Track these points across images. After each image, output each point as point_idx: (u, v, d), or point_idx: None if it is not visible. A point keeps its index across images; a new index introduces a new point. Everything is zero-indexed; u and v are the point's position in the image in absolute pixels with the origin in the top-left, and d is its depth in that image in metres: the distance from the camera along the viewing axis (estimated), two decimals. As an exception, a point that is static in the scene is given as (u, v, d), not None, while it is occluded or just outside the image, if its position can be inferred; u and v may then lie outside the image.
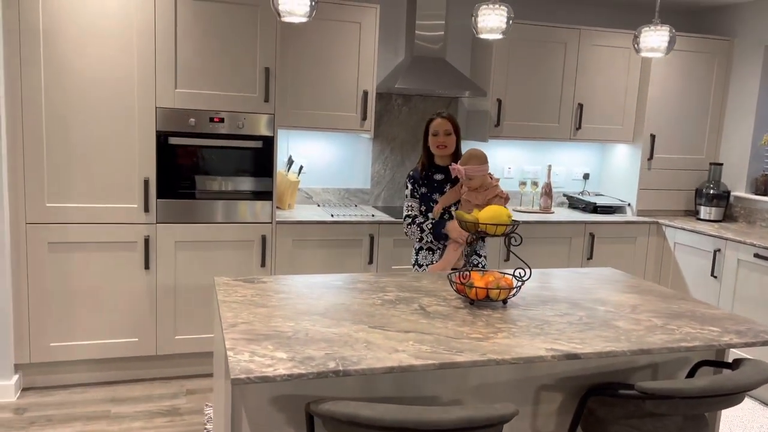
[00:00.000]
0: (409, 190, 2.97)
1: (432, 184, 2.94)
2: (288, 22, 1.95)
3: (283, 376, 1.48)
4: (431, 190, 2.93)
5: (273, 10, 1.87)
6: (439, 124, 2.88)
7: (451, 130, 2.88)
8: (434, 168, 2.96)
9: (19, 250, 3.20)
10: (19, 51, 3.06)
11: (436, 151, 2.90)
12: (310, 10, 1.84)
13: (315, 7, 1.82)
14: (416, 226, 2.89)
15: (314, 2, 1.83)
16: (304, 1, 1.81)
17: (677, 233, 4.23)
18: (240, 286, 2.19)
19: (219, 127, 3.43)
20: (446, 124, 2.88)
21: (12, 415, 3.06)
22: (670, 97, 4.45)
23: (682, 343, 1.82)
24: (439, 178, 2.94)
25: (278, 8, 1.85)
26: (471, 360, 1.62)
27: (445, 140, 2.87)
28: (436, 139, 2.88)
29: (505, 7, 2.02)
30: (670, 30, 2.28)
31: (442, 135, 2.87)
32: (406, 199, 2.97)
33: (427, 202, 2.94)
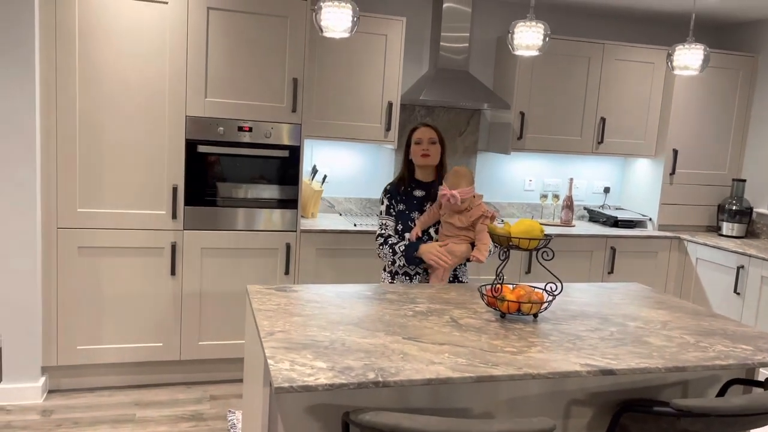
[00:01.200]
0: (385, 206, 2.74)
1: (411, 201, 2.72)
2: (330, 37, 1.98)
3: (325, 386, 1.50)
4: (410, 207, 2.72)
5: (315, 25, 1.92)
6: (423, 132, 2.68)
7: (436, 139, 2.68)
8: (414, 183, 2.75)
9: (50, 253, 3.25)
10: (54, 60, 3.13)
11: (420, 160, 2.68)
12: (352, 26, 1.87)
13: (357, 23, 1.86)
14: (389, 248, 2.66)
15: (356, 18, 1.86)
16: (346, 18, 1.85)
17: (699, 249, 4.22)
18: (273, 295, 2.22)
19: (246, 136, 3.48)
20: (431, 132, 2.68)
21: (39, 417, 3.10)
22: (693, 113, 4.45)
23: (717, 361, 1.82)
24: (419, 195, 2.73)
25: (320, 24, 1.89)
26: (507, 374, 1.64)
27: (429, 148, 2.66)
28: (419, 148, 2.67)
29: (542, 25, 2.04)
30: (705, 48, 2.30)
31: (426, 143, 2.67)
32: (380, 216, 2.75)
33: (405, 221, 2.71)
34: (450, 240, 2.62)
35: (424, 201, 2.73)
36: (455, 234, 2.62)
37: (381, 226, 2.74)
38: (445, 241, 2.63)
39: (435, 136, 2.69)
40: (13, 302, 3.17)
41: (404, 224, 2.72)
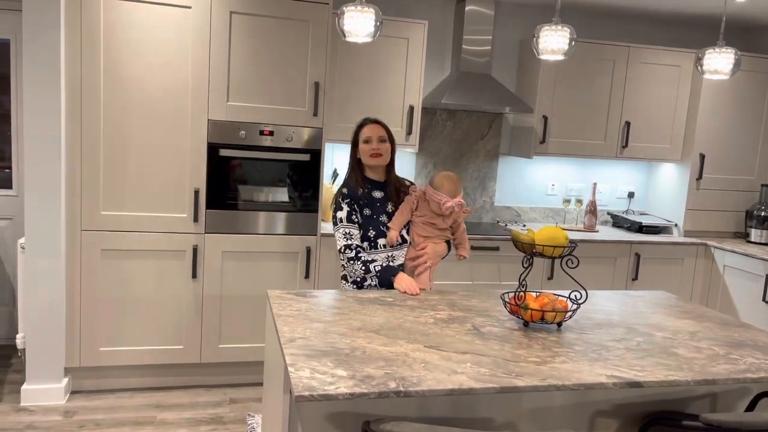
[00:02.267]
0: (345, 212, 2.50)
1: (374, 204, 2.56)
2: (352, 41, 1.97)
3: (345, 395, 1.48)
4: (375, 211, 2.56)
5: (338, 30, 1.91)
6: (371, 130, 2.53)
7: (385, 136, 2.53)
8: (369, 184, 2.59)
9: (74, 256, 3.28)
10: (80, 65, 3.16)
11: (370, 160, 2.52)
12: (374, 31, 1.86)
13: (380, 27, 1.84)
14: (361, 264, 2.45)
15: (379, 23, 1.85)
16: (369, 22, 1.84)
17: (727, 255, 4.13)
18: (293, 300, 2.21)
19: (268, 139, 3.48)
20: (380, 130, 2.53)
21: (61, 418, 3.13)
22: (720, 116, 4.36)
23: (747, 374, 1.77)
24: (379, 196, 2.59)
25: (343, 28, 1.87)
26: (531, 385, 1.60)
27: (379, 147, 2.51)
28: (368, 147, 2.51)
29: (568, 28, 2.01)
30: (736, 52, 2.24)
31: (375, 141, 2.51)
32: (342, 224, 2.50)
33: (376, 226, 2.55)
34: (429, 240, 2.59)
35: (385, 202, 2.61)
36: (435, 235, 2.60)
37: (345, 236, 2.49)
38: (424, 243, 2.59)
39: (384, 134, 2.55)
40: (38, 304, 3.21)
41: (376, 229, 2.56)
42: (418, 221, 2.60)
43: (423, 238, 2.61)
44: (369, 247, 2.58)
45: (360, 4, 1.85)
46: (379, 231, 2.58)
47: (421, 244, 2.60)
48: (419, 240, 2.60)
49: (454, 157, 4.41)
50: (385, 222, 2.60)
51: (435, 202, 2.54)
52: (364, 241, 2.58)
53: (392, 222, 2.58)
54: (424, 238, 2.60)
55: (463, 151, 4.43)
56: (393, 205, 2.63)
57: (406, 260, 2.62)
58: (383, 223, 2.59)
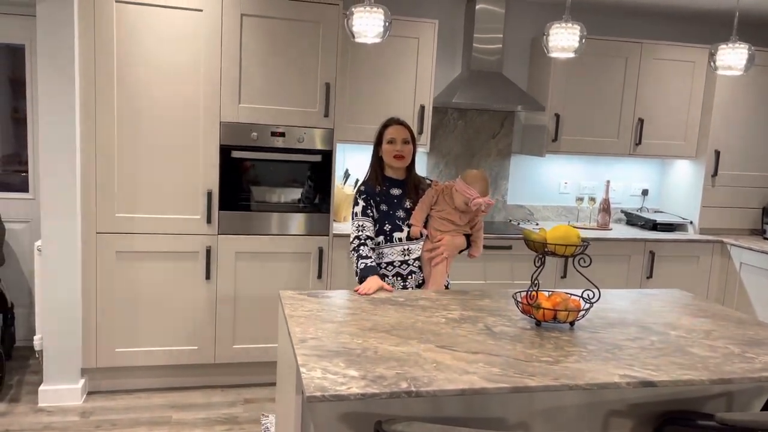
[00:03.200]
0: (361, 207, 2.60)
1: (392, 200, 2.63)
2: (362, 42, 1.98)
3: (357, 395, 1.49)
4: (392, 207, 2.63)
5: (347, 31, 1.91)
6: (396, 131, 2.59)
7: (408, 138, 2.60)
8: (388, 182, 2.66)
9: (89, 258, 3.32)
10: (93, 69, 3.19)
11: (393, 161, 2.59)
12: (383, 31, 1.86)
13: (389, 28, 1.85)
14: (356, 258, 2.56)
15: (388, 23, 1.85)
16: (378, 23, 1.84)
17: (743, 253, 4.08)
18: (305, 300, 2.22)
19: (280, 141, 3.49)
20: (404, 132, 2.59)
21: (78, 418, 3.16)
22: (735, 112, 4.31)
23: (764, 373, 1.75)
24: (396, 194, 2.65)
25: (352, 29, 1.88)
26: (543, 384, 1.60)
27: (403, 149, 2.58)
28: (392, 147, 2.58)
29: (577, 26, 2.00)
30: (749, 48, 2.21)
31: (399, 143, 2.58)
32: (356, 218, 2.60)
33: (392, 221, 2.63)
34: (447, 234, 2.62)
35: (402, 199, 2.66)
36: (453, 229, 2.63)
37: (358, 228, 2.58)
38: (441, 236, 2.61)
39: (408, 136, 2.61)
40: (54, 306, 3.25)
41: (392, 224, 2.64)
42: (436, 216, 2.64)
43: (440, 232, 2.63)
44: (385, 240, 2.65)
45: (369, 4, 1.85)
46: (395, 225, 2.63)
47: (438, 237, 2.62)
48: (436, 234, 2.62)
49: (465, 156, 4.40)
50: (402, 217, 2.65)
51: (464, 196, 2.57)
52: (380, 235, 2.65)
53: (412, 218, 2.64)
54: (442, 232, 2.63)
55: (475, 149, 4.41)
56: (411, 202, 2.68)
57: (422, 252, 2.65)
58: (399, 218, 2.65)
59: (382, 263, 2.63)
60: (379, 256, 2.64)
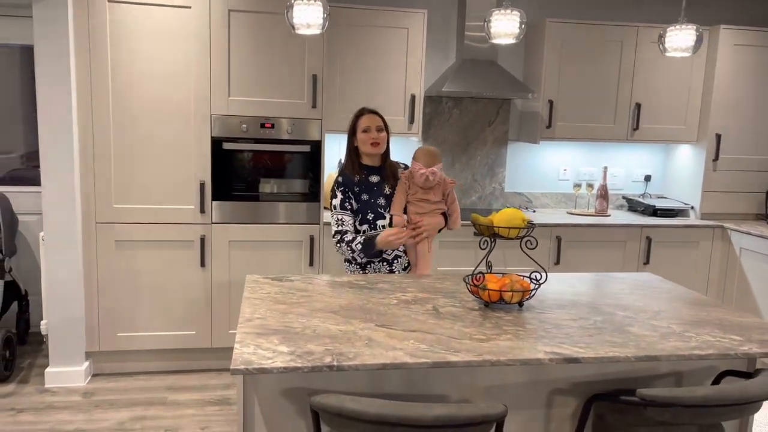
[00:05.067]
0: (339, 200, 2.64)
1: (371, 188, 2.68)
2: (302, 34, 2.05)
3: (279, 369, 1.57)
4: (372, 195, 2.67)
5: (288, 23, 1.99)
6: (369, 120, 2.64)
7: (382, 125, 2.66)
8: (366, 170, 2.71)
9: (89, 247, 3.50)
10: (89, 65, 3.35)
11: (369, 149, 2.64)
12: (323, 23, 1.93)
13: (327, 19, 1.91)
14: (346, 245, 2.60)
15: (326, 15, 1.92)
16: (317, 15, 1.91)
17: (743, 238, 4.01)
18: (268, 284, 2.32)
19: (269, 132, 3.60)
20: (377, 120, 2.65)
21: (80, 398, 3.35)
22: (737, 95, 4.22)
23: (695, 351, 1.77)
24: (375, 181, 2.70)
25: (292, 22, 1.95)
26: (465, 360, 1.65)
27: (378, 136, 2.63)
28: (367, 136, 2.62)
29: (518, 12, 2.02)
30: (697, 28, 2.20)
31: (374, 131, 2.63)
32: (335, 211, 2.64)
33: (374, 209, 2.67)
34: (425, 216, 2.66)
35: (381, 185, 2.71)
36: (430, 210, 2.67)
37: (337, 222, 2.64)
38: (419, 218, 2.64)
39: (381, 123, 2.67)
40: (58, 292, 3.43)
41: (374, 212, 2.68)
42: (412, 200, 2.69)
43: (419, 215, 2.68)
44: (369, 229, 2.70)
45: (309, -4, 1.92)
46: (377, 213, 2.69)
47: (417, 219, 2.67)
48: (416, 217, 2.67)
49: (461, 145, 4.44)
50: (383, 204, 2.70)
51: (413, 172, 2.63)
52: (363, 224, 2.69)
53: (392, 208, 2.68)
54: (420, 215, 2.68)
55: (471, 138, 4.44)
56: (390, 188, 2.73)
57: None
58: (381, 205, 2.70)
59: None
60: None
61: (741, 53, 4.18)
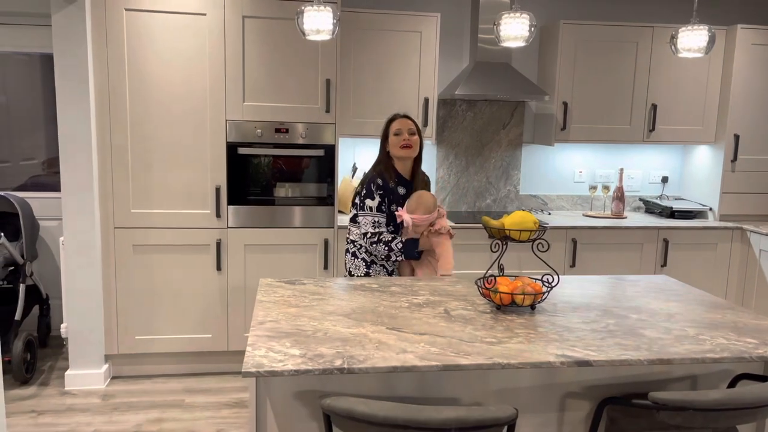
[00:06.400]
0: (377, 202, 2.61)
1: (398, 199, 2.67)
2: (313, 40, 2.07)
3: (290, 371, 1.59)
4: (398, 204, 2.67)
5: (298, 30, 2.01)
6: (401, 123, 2.65)
7: (414, 129, 2.66)
8: (397, 178, 2.70)
9: (108, 251, 3.55)
10: (107, 73, 3.41)
11: (401, 152, 2.63)
12: (333, 29, 1.95)
13: (337, 24, 1.93)
14: (383, 245, 2.59)
15: (336, 20, 1.94)
16: (327, 21, 1.93)
17: (763, 240, 3.96)
18: (281, 287, 2.34)
19: (284, 137, 3.63)
20: (409, 123, 2.66)
21: (99, 400, 3.40)
22: (755, 95, 4.17)
23: (709, 354, 1.75)
24: (402, 193, 2.70)
25: (302, 28, 1.98)
26: (476, 363, 1.66)
27: (410, 139, 2.63)
28: (399, 139, 2.62)
29: (527, 15, 2.02)
30: (709, 29, 2.18)
31: (406, 134, 2.63)
32: (371, 212, 2.61)
33: (395, 222, 2.68)
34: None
35: (407, 199, 2.71)
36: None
37: (374, 224, 2.62)
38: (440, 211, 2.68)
39: (414, 127, 2.66)
40: (78, 296, 3.49)
41: (395, 225, 2.70)
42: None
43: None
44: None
45: (317, 3, 1.94)
46: (397, 226, 2.71)
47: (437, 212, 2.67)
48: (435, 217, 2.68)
49: (475, 147, 4.43)
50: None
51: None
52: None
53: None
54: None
55: (485, 140, 4.44)
56: None
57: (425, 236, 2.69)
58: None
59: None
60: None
61: (759, 52, 4.12)
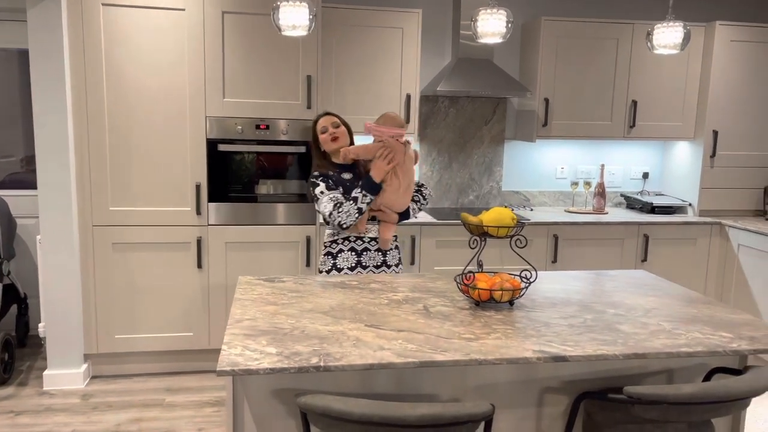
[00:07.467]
0: (323, 185, 2.64)
1: (345, 184, 2.70)
2: (288, 35, 2.06)
3: (266, 370, 1.58)
4: (347, 190, 2.67)
5: (274, 25, 1.99)
6: (325, 120, 2.73)
7: (338, 122, 2.72)
8: (338, 168, 2.74)
9: (86, 249, 3.51)
10: (83, 69, 3.37)
11: (332, 145, 2.69)
12: (309, 25, 1.93)
13: (313, 20, 1.92)
14: (348, 203, 2.58)
15: (313, 16, 1.92)
16: (303, 16, 1.92)
17: (741, 235, 4.00)
18: (260, 285, 2.33)
19: (265, 133, 3.61)
20: (332, 119, 2.73)
21: (78, 400, 3.36)
22: (734, 91, 4.21)
23: (683, 348, 1.77)
24: (347, 177, 2.73)
25: (278, 23, 1.96)
26: (453, 359, 1.66)
27: (335, 131, 2.69)
28: (326, 135, 2.70)
29: (504, 11, 2.02)
30: (684, 26, 2.19)
31: (331, 128, 2.70)
32: (323, 195, 2.61)
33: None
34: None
35: (354, 182, 2.71)
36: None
37: (332, 199, 2.61)
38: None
39: (337, 120, 2.73)
40: (56, 295, 3.45)
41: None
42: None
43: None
44: None
45: (293, -2, 1.93)
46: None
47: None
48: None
49: (458, 144, 4.44)
50: None
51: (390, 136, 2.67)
52: None
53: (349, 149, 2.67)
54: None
55: (467, 137, 4.44)
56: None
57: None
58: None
59: (338, 238, 2.71)
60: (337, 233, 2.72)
61: (737, 49, 4.16)
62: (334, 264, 2.72)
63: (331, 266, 2.72)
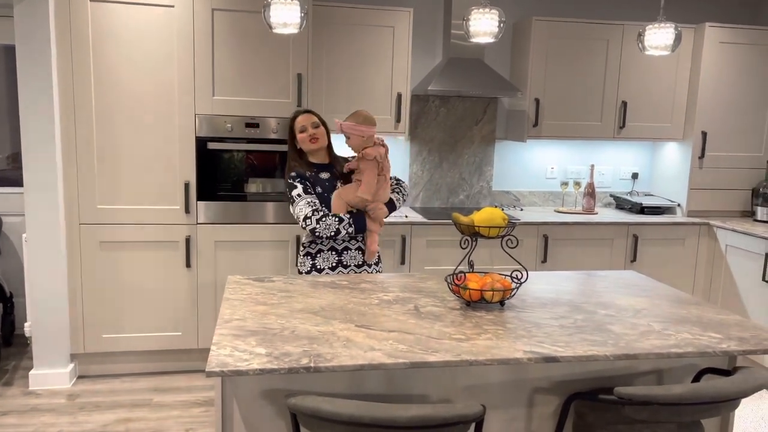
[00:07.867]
0: (301, 188, 2.61)
1: (323, 183, 2.69)
2: (279, 33, 2.04)
3: (255, 371, 1.56)
4: (325, 190, 2.68)
5: (265, 23, 1.98)
6: (304, 119, 2.68)
7: (318, 122, 2.69)
8: (315, 168, 2.72)
9: (73, 248, 3.47)
10: (71, 66, 3.33)
11: (310, 145, 2.66)
12: (300, 22, 1.92)
13: (304, 18, 1.90)
14: (331, 218, 2.58)
15: (304, 14, 1.91)
16: (294, 14, 1.90)
17: (729, 235, 4.03)
18: (249, 285, 2.31)
19: (255, 132, 3.58)
20: (311, 117, 2.69)
21: (65, 400, 3.33)
22: (723, 93, 4.23)
23: (673, 349, 1.77)
24: (325, 177, 2.71)
25: (269, 21, 1.94)
26: (443, 360, 1.65)
27: (315, 132, 2.66)
28: (305, 135, 2.66)
29: (496, 11, 2.02)
30: (675, 27, 2.20)
31: (310, 128, 2.67)
32: (300, 198, 2.60)
33: (327, 203, 2.67)
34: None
35: (333, 181, 2.71)
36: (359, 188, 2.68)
37: (309, 203, 2.59)
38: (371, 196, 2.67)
39: (317, 120, 2.70)
40: (42, 294, 3.41)
41: (328, 207, 2.67)
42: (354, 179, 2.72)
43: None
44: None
45: (286, -5, 1.91)
46: (330, 207, 2.68)
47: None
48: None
49: (449, 143, 4.43)
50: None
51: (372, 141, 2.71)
52: None
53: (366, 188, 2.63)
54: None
55: (458, 136, 4.44)
56: (341, 183, 2.73)
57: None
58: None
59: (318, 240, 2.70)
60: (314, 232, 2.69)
61: (726, 51, 4.19)
62: (313, 264, 2.71)
63: (311, 267, 2.72)
